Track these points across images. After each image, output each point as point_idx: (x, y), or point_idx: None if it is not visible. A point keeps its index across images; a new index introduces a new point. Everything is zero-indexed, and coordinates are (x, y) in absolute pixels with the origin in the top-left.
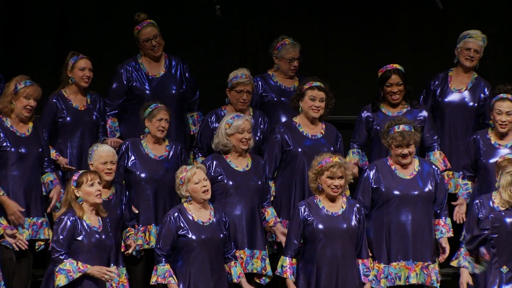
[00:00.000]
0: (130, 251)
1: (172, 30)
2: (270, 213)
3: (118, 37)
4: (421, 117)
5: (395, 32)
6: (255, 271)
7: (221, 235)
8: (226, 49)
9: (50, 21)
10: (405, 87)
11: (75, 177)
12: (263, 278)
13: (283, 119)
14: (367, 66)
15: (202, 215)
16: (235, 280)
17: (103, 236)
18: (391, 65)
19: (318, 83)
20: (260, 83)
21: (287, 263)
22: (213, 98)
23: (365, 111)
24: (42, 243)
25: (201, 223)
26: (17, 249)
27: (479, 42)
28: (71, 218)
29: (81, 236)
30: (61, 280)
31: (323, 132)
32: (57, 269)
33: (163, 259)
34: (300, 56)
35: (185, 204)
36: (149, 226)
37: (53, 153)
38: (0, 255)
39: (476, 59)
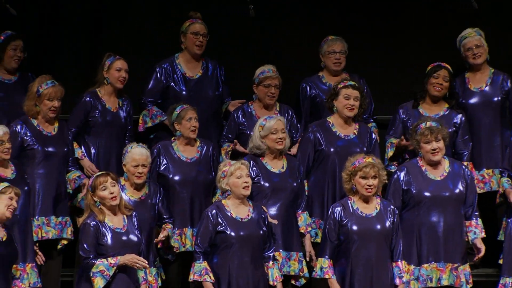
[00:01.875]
0: (161, 235)
1: None
2: (302, 220)
3: (151, 37)
4: (457, 122)
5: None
6: (292, 273)
7: (261, 232)
8: (253, 47)
9: (83, 21)
10: (450, 86)
11: (90, 182)
12: (299, 280)
13: None
14: (399, 65)
15: (240, 211)
16: (271, 282)
17: (129, 235)
18: (443, 63)
19: (352, 82)
20: (308, 86)
21: (326, 264)
22: (238, 96)
23: (402, 108)
24: (65, 242)
25: (240, 219)
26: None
27: (475, 37)
28: (93, 223)
29: (105, 239)
30: (99, 283)
31: (356, 133)
32: (91, 274)
33: (201, 257)
34: (344, 51)
35: (223, 201)
36: (184, 229)
37: (79, 152)
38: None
39: (482, 53)
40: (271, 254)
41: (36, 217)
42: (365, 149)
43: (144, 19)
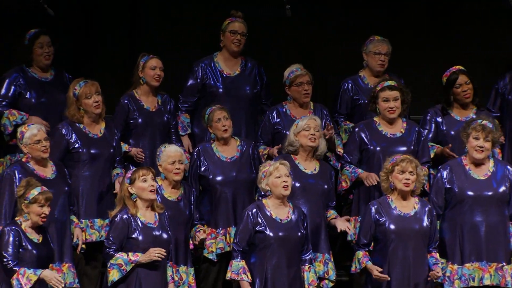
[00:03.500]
0: (200, 236)
1: None
2: (332, 212)
3: (189, 37)
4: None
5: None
6: (317, 274)
7: (299, 234)
8: (289, 46)
9: (121, 22)
10: (473, 88)
11: (128, 174)
12: (326, 282)
13: None
14: (437, 65)
15: (280, 212)
16: (306, 286)
17: (159, 232)
18: (454, 67)
19: (389, 83)
20: (350, 86)
21: (361, 255)
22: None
23: (433, 111)
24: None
25: (279, 220)
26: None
27: None
28: (124, 216)
29: (136, 234)
30: (114, 275)
31: (403, 131)
32: (108, 265)
33: (239, 255)
34: (389, 53)
35: (264, 201)
36: (228, 229)
37: (126, 147)
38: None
39: None
40: (308, 257)
41: (80, 219)
42: (412, 147)
43: (181, 20)
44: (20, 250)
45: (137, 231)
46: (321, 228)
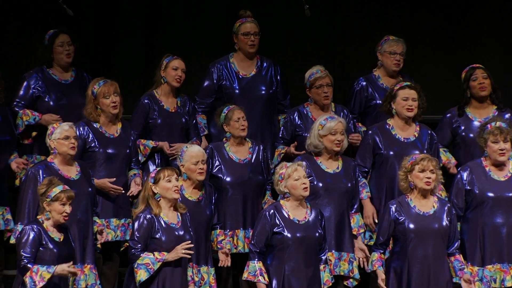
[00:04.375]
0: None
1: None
2: (355, 221)
3: (207, 36)
4: (508, 120)
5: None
6: (342, 273)
7: (317, 234)
8: (311, 47)
9: (140, 21)
10: (491, 84)
11: (152, 174)
12: (350, 280)
13: None
14: (454, 65)
15: (298, 213)
16: (322, 286)
17: (182, 232)
18: (474, 65)
19: (408, 83)
20: (364, 84)
21: (375, 257)
22: (297, 96)
23: (450, 114)
24: (128, 244)
25: (297, 221)
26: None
27: None
28: (148, 216)
29: (159, 234)
30: (141, 275)
31: (417, 135)
32: (135, 265)
33: (256, 256)
34: (404, 53)
35: (281, 202)
36: (237, 231)
37: (152, 142)
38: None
39: None
40: (324, 257)
41: None
42: (424, 151)
43: (200, 19)
44: (41, 248)
45: (160, 231)
46: (345, 227)
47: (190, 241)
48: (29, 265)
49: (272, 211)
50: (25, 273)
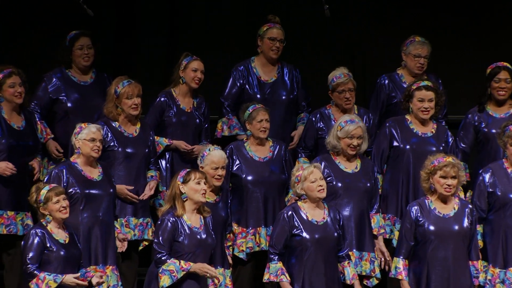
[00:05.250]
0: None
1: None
2: (375, 221)
3: (227, 37)
4: None
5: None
6: (363, 273)
7: (335, 234)
8: (331, 48)
9: (161, 20)
10: None
11: (182, 173)
12: (370, 280)
13: None
14: (477, 65)
15: (316, 214)
16: (348, 281)
17: (204, 236)
18: (502, 62)
19: (425, 83)
20: (387, 82)
21: (401, 265)
22: (319, 98)
23: (471, 113)
24: (146, 243)
25: (315, 222)
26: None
27: None
28: (171, 219)
29: (182, 237)
30: (165, 281)
31: (434, 131)
32: (160, 270)
33: (276, 257)
34: (429, 55)
35: (299, 203)
36: (258, 229)
37: (165, 140)
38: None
39: None
40: (346, 254)
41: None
42: (441, 148)
43: (221, 19)
44: (46, 252)
45: (183, 235)
46: (365, 227)
47: (207, 252)
48: (35, 272)
49: (290, 212)
50: (32, 279)
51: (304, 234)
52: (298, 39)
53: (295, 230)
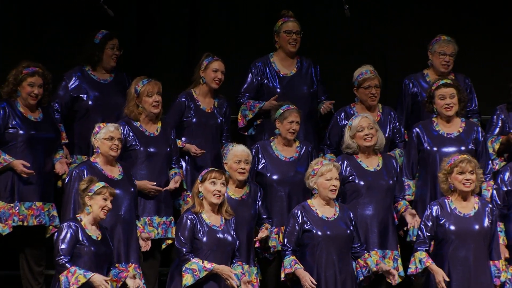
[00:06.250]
0: (261, 235)
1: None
2: (402, 204)
3: (247, 36)
4: None
5: None
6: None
7: (348, 231)
8: (354, 47)
9: (181, 21)
10: None
11: (203, 172)
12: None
13: None
14: (501, 66)
15: (326, 210)
16: (374, 269)
17: (224, 235)
18: None
19: (444, 81)
20: (411, 83)
21: (424, 255)
22: (342, 96)
23: (499, 111)
24: (169, 241)
25: (326, 218)
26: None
27: None
28: (190, 216)
29: (200, 234)
30: (188, 279)
31: (461, 131)
32: (183, 269)
33: (289, 252)
34: (455, 53)
35: (309, 201)
36: (282, 228)
37: (179, 142)
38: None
39: None
40: (364, 249)
41: (139, 217)
42: (470, 146)
43: (241, 19)
44: (77, 245)
45: (201, 232)
46: (389, 225)
47: (227, 250)
48: (67, 265)
49: (299, 211)
50: (63, 271)
51: (315, 230)
52: (319, 40)
53: (306, 226)
